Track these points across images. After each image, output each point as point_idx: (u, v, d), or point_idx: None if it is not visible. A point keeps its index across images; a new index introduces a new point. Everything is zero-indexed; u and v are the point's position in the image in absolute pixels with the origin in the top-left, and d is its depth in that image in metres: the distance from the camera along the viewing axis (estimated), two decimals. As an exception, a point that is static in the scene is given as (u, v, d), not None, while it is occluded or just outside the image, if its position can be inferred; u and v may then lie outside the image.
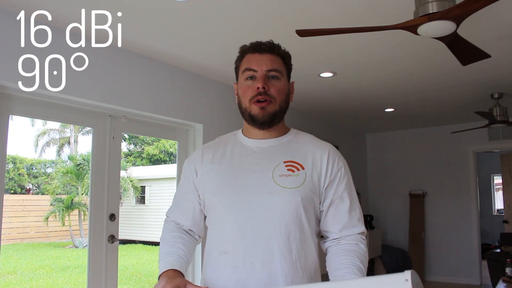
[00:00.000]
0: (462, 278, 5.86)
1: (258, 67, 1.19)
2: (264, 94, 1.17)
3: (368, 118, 5.70)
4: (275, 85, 1.20)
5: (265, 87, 1.17)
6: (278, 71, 1.21)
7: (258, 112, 1.18)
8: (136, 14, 2.45)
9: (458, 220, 6.00)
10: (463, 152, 6.03)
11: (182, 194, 1.30)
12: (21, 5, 2.29)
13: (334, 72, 3.59)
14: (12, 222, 10.15)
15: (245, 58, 1.24)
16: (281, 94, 1.21)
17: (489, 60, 3.13)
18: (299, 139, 1.27)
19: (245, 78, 1.21)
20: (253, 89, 1.18)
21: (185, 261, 1.18)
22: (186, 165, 1.32)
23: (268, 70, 1.19)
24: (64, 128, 14.28)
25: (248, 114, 1.21)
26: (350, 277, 1.08)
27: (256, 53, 1.22)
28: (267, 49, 1.21)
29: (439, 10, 1.85)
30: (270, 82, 1.19)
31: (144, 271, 8.17)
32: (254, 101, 1.18)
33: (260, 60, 1.20)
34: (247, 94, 1.20)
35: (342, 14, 2.44)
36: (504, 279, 3.55)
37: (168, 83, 3.33)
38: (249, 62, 1.21)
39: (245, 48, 1.25)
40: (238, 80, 1.27)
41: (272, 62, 1.20)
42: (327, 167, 1.20)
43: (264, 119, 1.19)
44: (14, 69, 2.35)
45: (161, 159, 16.25)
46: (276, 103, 1.20)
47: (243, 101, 1.22)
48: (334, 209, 1.20)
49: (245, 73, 1.21)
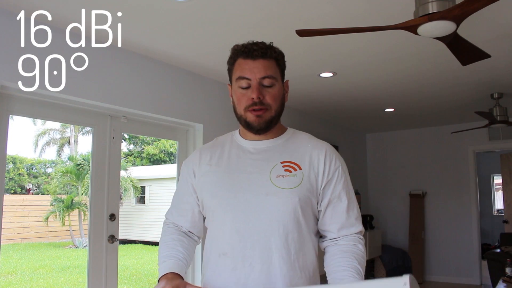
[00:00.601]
0: (462, 278, 5.86)
1: (252, 75, 1.16)
2: (259, 104, 1.16)
3: (368, 118, 5.70)
4: (270, 92, 1.18)
5: (260, 97, 1.16)
6: (272, 78, 1.18)
7: (254, 120, 1.18)
8: (136, 14, 2.45)
9: (458, 220, 6.00)
10: (463, 152, 6.03)
11: (181, 196, 1.31)
12: (21, 5, 2.29)
13: (334, 72, 3.59)
14: (12, 222, 10.15)
15: (237, 63, 1.20)
16: (277, 100, 1.20)
17: (489, 60, 3.13)
18: (296, 138, 1.27)
19: (239, 86, 1.19)
20: (248, 98, 1.17)
21: (184, 264, 1.19)
22: (184, 167, 1.32)
23: (262, 78, 1.16)
24: (64, 128, 14.28)
25: (244, 120, 1.21)
26: (348, 280, 1.08)
27: (248, 59, 1.17)
28: (260, 55, 1.17)
29: (439, 10, 1.85)
30: (264, 90, 1.17)
31: (144, 271, 8.17)
32: (249, 110, 1.18)
33: (253, 67, 1.16)
34: (242, 102, 1.19)
35: (342, 14, 2.44)
36: (504, 279, 3.54)
37: (168, 83, 3.33)
38: (242, 70, 1.18)
39: (237, 50, 1.21)
40: (231, 83, 1.25)
41: (266, 68, 1.17)
42: (324, 167, 1.20)
43: (260, 126, 1.19)
44: (14, 69, 2.35)
45: (161, 159, 16.25)
46: (272, 110, 1.19)
47: (238, 108, 1.21)
48: (332, 208, 1.20)
49: (239, 81, 1.18)
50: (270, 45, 1.21)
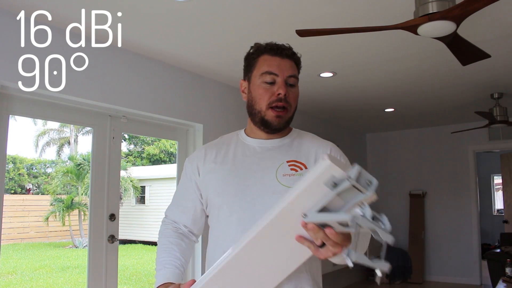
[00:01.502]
0: (462, 278, 5.86)
1: (280, 72, 1.18)
2: (284, 101, 1.18)
3: (368, 118, 5.70)
4: (293, 92, 1.21)
5: (286, 94, 1.18)
6: (296, 78, 1.22)
7: (274, 119, 1.19)
8: (136, 14, 2.45)
9: (458, 220, 6.00)
10: (463, 152, 6.03)
11: (183, 192, 1.30)
12: (21, 5, 2.29)
13: (334, 72, 3.59)
14: (12, 222, 10.15)
15: (262, 58, 1.22)
16: (296, 101, 1.23)
17: (489, 60, 3.13)
18: (302, 138, 1.27)
19: (263, 81, 1.19)
20: (272, 93, 1.18)
21: (181, 272, 1.18)
22: (187, 164, 1.30)
23: (289, 76, 1.19)
24: (64, 128, 14.29)
25: (261, 117, 1.20)
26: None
27: (277, 56, 1.20)
28: (289, 55, 1.21)
29: (439, 10, 1.85)
30: (288, 88, 1.19)
31: (144, 271, 8.17)
32: (272, 107, 1.18)
33: (282, 64, 1.19)
34: (265, 98, 1.19)
35: (342, 14, 2.44)
36: (504, 279, 3.54)
37: (168, 83, 3.33)
38: (269, 65, 1.19)
39: (262, 48, 1.23)
40: (250, 79, 1.24)
41: (292, 68, 1.21)
42: None
43: (280, 125, 1.20)
44: (14, 69, 2.35)
45: (161, 159, 16.25)
46: (291, 110, 1.21)
47: (258, 103, 1.20)
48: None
49: (265, 76, 1.19)
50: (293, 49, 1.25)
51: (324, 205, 0.82)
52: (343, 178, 0.79)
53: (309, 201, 0.83)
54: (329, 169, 0.79)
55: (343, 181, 0.79)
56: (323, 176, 0.80)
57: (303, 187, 0.83)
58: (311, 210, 0.82)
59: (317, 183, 0.81)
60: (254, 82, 1.22)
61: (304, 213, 0.83)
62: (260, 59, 1.22)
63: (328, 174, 0.80)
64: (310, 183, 0.82)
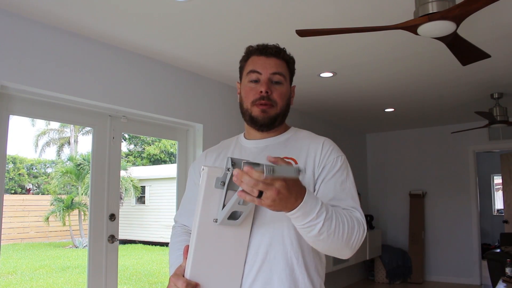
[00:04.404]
0: (462, 278, 5.86)
1: (263, 70, 1.21)
2: (266, 99, 1.19)
3: (368, 118, 5.71)
4: (278, 89, 1.21)
5: (268, 91, 1.19)
6: (282, 75, 1.22)
7: (259, 114, 1.20)
8: (136, 14, 2.45)
9: (458, 220, 6.00)
10: (463, 152, 6.03)
11: (189, 197, 1.33)
12: (21, 5, 2.29)
13: (334, 72, 3.59)
14: (12, 222, 10.16)
15: (250, 59, 1.25)
16: (283, 99, 1.23)
17: (489, 60, 3.14)
18: (296, 136, 1.28)
19: (249, 80, 1.23)
20: (256, 91, 1.20)
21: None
22: (191, 170, 1.36)
23: (272, 74, 1.20)
24: (64, 128, 14.29)
25: (248, 115, 1.23)
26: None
27: (262, 55, 1.23)
28: (273, 53, 1.22)
29: (439, 10, 1.85)
30: (273, 86, 1.20)
31: (144, 271, 8.18)
32: (256, 104, 1.20)
33: (266, 63, 1.21)
34: (250, 96, 1.22)
35: (342, 15, 2.44)
36: (504, 279, 3.55)
37: (168, 83, 3.33)
38: (254, 64, 1.23)
39: (251, 49, 1.26)
40: (241, 80, 1.29)
41: (277, 66, 1.22)
42: (320, 157, 1.18)
43: (264, 121, 1.21)
44: (14, 69, 2.36)
45: (161, 159, 16.26)
46: (278, 107, 1.21)
47: (245, 102, 1.24)
48: (325, 184, 1.14)
49: (250, 75, 1.22)
50: (284, 48, 1.26)
51: (227, 202, 0.96)
52: (224, 173, 0.94)
53: (213, 206, 0.97)
54: (210, 174, 0.95)
55: (226, 176, 0.94)
56: (210, 182, 0.95)
57: (201, 199, 0.96)
58: (218, 213, 0.98)
59: (209, 190, 0.95)
60: (243, 82, 1.26)
61: (215, 219, 0.98)
62: (249, 60, 1.25)
63: (213, 178, 0.95)
64: (203, 194, 0.96)
